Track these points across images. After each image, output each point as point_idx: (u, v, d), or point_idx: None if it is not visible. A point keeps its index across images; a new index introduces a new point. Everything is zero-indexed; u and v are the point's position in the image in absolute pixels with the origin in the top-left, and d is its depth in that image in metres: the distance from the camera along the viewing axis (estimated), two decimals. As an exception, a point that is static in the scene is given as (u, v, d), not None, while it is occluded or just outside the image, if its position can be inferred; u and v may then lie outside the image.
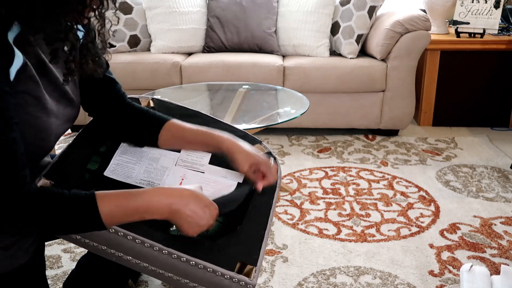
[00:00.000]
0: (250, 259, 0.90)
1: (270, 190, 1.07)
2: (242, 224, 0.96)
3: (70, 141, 1.02)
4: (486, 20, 3.01)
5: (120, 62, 2.90)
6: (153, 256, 0.86)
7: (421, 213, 2.05)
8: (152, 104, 1.20)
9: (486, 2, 3.00)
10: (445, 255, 1.76)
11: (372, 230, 1.93)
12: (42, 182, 0.89)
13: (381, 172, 2.47)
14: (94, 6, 0.84)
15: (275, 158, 1.17)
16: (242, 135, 1.16)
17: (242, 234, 0.94)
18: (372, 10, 2.87)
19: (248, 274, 0.87)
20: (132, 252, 0.86)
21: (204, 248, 0.89)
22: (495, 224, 1.97)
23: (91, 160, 1.04)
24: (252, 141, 1.18)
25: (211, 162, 1.09)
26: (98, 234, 0.85)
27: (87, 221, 0.81)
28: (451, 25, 3.24)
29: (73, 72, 0.89)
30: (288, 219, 2.01)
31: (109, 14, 0.90)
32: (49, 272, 1.65)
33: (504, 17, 3.26)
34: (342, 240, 1.86)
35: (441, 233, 1.90)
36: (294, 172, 2.46)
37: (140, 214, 0.83)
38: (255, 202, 1.03)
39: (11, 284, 0.91)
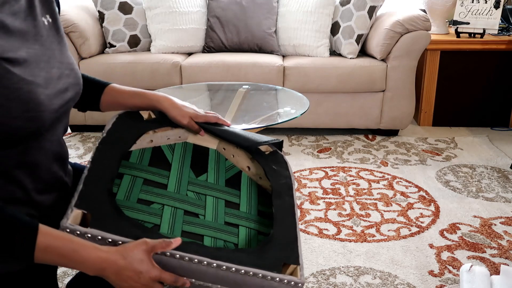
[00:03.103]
0: (292, 259, 0.91)
1: (287, 190, 1.08)
2: (272, 228, 0.98)
3: (88, 165, 0.97)
4: (486, 20, 3.01)
5: (120, 62, 2.90)
6: (202, 271, 0.86)
7: (421, 213, 2.06)
8: (153, 116, 1.17)
9: (486, 2, 3.00)
10: (445, 255, 1.76)
11: (372, 230, 1.93)
12: (75, 213, 0.85)
13: (381, 172, 2.47)
14: None
15: (282, 157, 1.17)
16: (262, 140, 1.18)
17: (275, 238, 0.95)
18: (372, 10, 2.87)
19: (294, 274, 0.90)
20: (181, 271, 0.87)
21: (247, 256, 0.90)
22: (495, 224, 1.97)
23: (114, 183, 1.02)
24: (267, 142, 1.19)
25: None
26: None
27: (19, 247, 0.78)
28: (451, 25, 3.24)
29: None
30: (288, 219, 2.01)
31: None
32: (49, 272, 1.65)
33: (504, 17, 3.26)
34: (342, 240, 1.86)
35: (441, 233, 1.90)
36: (294, 172, 2.46)
37: (71, 263, 0.82)
38: (278, 205, 1.04)
39: (22, 282, 0.91)
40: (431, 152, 2.74)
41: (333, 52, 3.06)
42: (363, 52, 3.02)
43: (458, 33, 3.08)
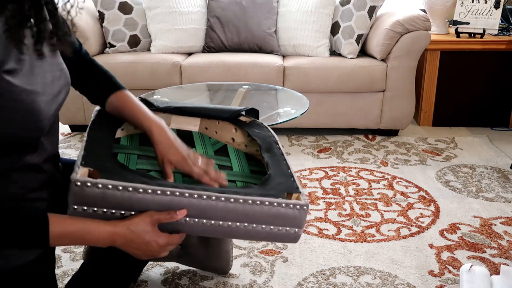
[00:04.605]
0: (293, 189, 0.98)
1: (275, 144, 1.15)
2: (268, 170, 1.03)
3: (85, 137, 1.01)
4: (486, 20, 3.01)
5: (120, 62, 2.90)
6: (212, 207, 0.88)
7: (421, 213, 2.05)
8: None
9: (486, 2, 3.00)
10: (445, 255, 1.76)
11: (372, 230, 1.93)
12: (81, 170, 0.87)
13: (381, 172, 2.47)
14: None
15: (262, 123, 1.25)
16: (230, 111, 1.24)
17: (273, 175, 1.01)
18: (372, 10, 2.87)
19: (298, 200, 0.95)
20: (192, 211, 0.88)
21: (252, 189, 0.94)
22: (495, 224, 1.97)
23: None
24: (234, 114, 1.24)
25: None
26: (152, 200, 0.86)
27: (33, 239, 0.82)
28: (451, 25, 3.24)
29: (41, 50, 0.85)
30: (288, 219, 2.01)
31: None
32: (49, 272, 1.64)
33: (504, 17, 3.26)
34: (342, 240, 1.86)
35: (441, 233, 1.90)
36: (294, 172, 2.46)
37: (85, 242, 0.87)
38: (268, 156, 1.10)
39: (20, 279, 0.91)
40: (431, 152, 2.74)
41: (333, 52, 3.06)
42: (363, 52, 3.02)
43: (458, 33, 3.08)
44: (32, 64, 0.86)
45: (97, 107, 1.14)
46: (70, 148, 2.81)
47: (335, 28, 2.98)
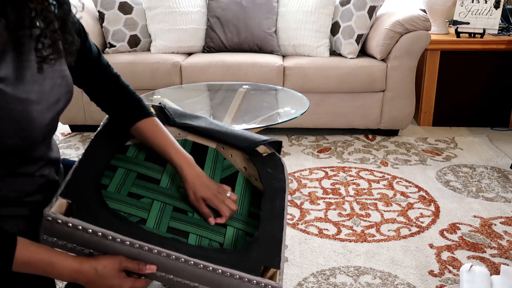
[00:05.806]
0: (273, 263, 0.91)
1: (280, 193, 1.07)
2: (258, 230, 0.98)
3: (81, 156, 0.98)
4: (486, 20, 3.01)
5: (120, 62, 2.90)
6: (179, 268, 0.86)
7: (421, 213, 2.06)
8: (154, 112, 1.18)
9: (486, 2, 3.00)
10: (445, 255, 1.76)
11: (372, 230, 1.93)
12: (60, 202, 0.86)
13: (381, 172, 2.47)
14: None
15: (280, 159, 1.16)
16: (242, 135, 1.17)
17: (260, 240, 0.95)
18: (372, 10, 2.87)
19: (272, 278, 0.89)
20: (159, 266, 0.87)
21: (228, 256, 0.90)
22: (495, 224, 1.97)
23: (105, 175, 1.02)
24: (252, 142, 1.16)
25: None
26: (120, 249, 0.85)
27: None
28: (451, 25, 3.24)
29: (46, 59, 0.82)
30: (288, 219, 2.01)
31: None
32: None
33: (504, 17, 3.26)
34: (342, 240, 1.86)
35: (441, 233, 1.90)
36: (294, 172, 2.46)
37: (47, 274, 0.85)
38: (267, 207, 1.03)
39: (17, 280, 0.90)
40: (431, 152, 2.74)
41: (333, 52, 3.06)
42: (363, 52, 3.02)
43: (458, 33, 3.08)
44: (32, 71, 0.83)
45: (106, 116, 1.11)
46: (70, 148, 2.81)
47: (335, 28, 2.98)
